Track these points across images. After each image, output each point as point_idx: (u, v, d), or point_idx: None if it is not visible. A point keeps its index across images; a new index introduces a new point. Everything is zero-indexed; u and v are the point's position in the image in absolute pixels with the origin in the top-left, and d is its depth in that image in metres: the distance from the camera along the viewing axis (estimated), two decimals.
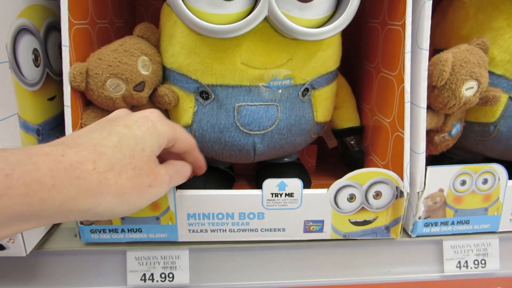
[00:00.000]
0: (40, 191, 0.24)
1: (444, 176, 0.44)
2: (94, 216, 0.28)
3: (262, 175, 0.53)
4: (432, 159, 0.51)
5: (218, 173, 0.53)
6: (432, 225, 0.46)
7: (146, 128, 0.32)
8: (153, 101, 0.45)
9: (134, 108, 0.44)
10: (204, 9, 0.38)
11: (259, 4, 0.37)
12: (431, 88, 0.43)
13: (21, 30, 0.39)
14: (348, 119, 0.52)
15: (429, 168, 0.43)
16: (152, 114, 0.34)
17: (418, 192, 0.44)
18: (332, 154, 0.61)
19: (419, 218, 0.45)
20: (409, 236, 0.46)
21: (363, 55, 0.53)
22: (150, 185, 0.31)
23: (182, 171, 0.37)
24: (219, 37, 0.38)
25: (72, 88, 0.40)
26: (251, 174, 0.57)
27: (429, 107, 0.44)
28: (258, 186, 0.53)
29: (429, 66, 0.42)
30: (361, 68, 0.54)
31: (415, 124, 0.43)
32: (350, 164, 0.55)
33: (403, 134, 0.42)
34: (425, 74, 0.41)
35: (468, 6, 0.48)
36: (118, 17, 0.53)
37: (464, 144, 0.52)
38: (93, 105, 0.43)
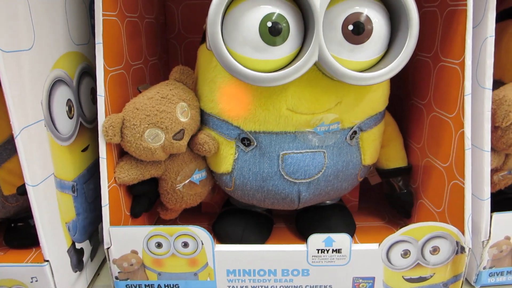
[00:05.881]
0: None
1: (511, 223, 0.40)
2: None
3: (302, 219, 0.50)
4: None
5: (256, 217, 0.50)
6: (497, 274, 0.42)
7: None
8: (192, 148, 0.43)
9: (172, 156, 0.42)
10: (248, 55, 0.35)
11: (309, 49, 0.34)
12: (493, 128, 0.40)
13: (56, 82, 0.37)
14: (395, 159, 0.49)
15: (495, 215, 0.39)
16: None
17: (483, 241, 0.40)
18: (375, 191, 0.58)
19: (484, 268, 0.41)
20: (473, 287, 0.43)
21: (410, 89, 0.50)
22: None
23: None
24: (265, 86, 0.35)
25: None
26: (291, 214, 0.53)
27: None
28: (299, 230, 0.50)
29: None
30: (409, 103, 0.50)
31: (478, 169, 0.39)
32: (397, 206, 0.51)
33: (463, 183, 0.38)
34: (489, 115, 0.38)
35: None
36: (152, 55, 0.51)
37: None
38: (126, 156, 0.41)
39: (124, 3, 0.42)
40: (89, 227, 0.43)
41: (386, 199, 0.51)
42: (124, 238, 0.40)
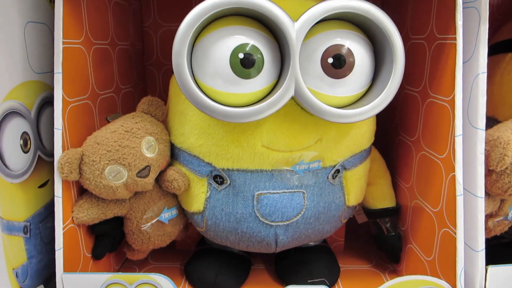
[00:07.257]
0: None
1: (507, 277, 0.36)
2: None
3: (282, 262, 0.46)
4: None
5: (232, 258, 0.46)
6: None
7: None
8: (160, 184, 0.39)
9: (138, 194, 0.38)
10: (219, 88, 0.32)
11: (285, 83, 0.31)
12: (487, 171, 0.36)
13: (8, 115, 0.34)
14: (383, 198, 0.45)
15: (490, 268, 0.36)
16: None
17: None
18: (363, 230, 0.54)
19: None
20: None
21: (398, 123, 0.47)
22: None
23: None
24: (236, 122, 0.32)
25: None
26: (270, 255, 0.49)
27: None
28: (278, 273, 0.46)
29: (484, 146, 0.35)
30: (396, 138, 0.47)
31: (471, 216, 0.35)
32: (384, 249, 0.47)
33: (455, 233, 0.35)
34: (482, 158, 0.35)
35: None
36: (125, 83, 0.49)
37: None
38: (87, 193, 0.37)
39: (91, 30, 0.39)
40: (44, 271, 0.39)
41: (373, 241, 0.47)
42: (78, 286, 0.35)
